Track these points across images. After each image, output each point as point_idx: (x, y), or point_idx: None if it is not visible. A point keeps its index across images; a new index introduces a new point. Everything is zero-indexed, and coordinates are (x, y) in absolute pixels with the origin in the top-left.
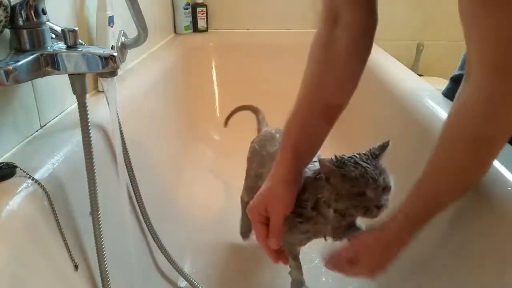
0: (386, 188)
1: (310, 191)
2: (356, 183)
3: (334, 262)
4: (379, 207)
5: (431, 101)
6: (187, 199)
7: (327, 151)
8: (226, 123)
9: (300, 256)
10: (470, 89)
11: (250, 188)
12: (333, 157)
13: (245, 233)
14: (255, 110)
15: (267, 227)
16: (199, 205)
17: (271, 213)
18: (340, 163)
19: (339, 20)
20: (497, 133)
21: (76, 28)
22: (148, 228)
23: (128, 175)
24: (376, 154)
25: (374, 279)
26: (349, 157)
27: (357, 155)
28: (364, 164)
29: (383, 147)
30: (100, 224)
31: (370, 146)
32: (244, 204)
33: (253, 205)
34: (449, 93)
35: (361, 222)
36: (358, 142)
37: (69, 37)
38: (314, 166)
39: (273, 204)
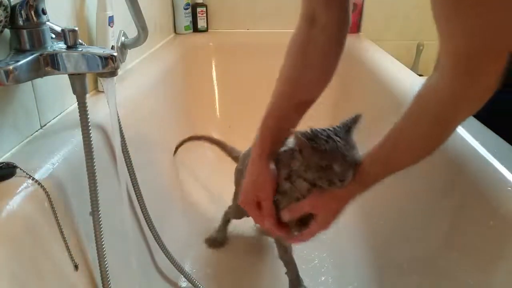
0: (353, 164)
1: (284, 165)
2: (325, 157)
3: (294, 212)
4: (343, 181)
5: None
6: (187, 199)
7: None
8: (175, 151)
9: (294, 255)
10: (438, 77)
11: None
12: (308, 130)
13: (216, 241)
14: (222, 145)
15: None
16: (199, 205)
17: (262, 198)
18: (313, 135)
19: (316, 21)
20: (455, 116)
21: (76, 28)
22: (149, 227)
23: (129, 175)
24: (348, 127)
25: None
26: (322, 130)
27: (331, 129)
28: (336, 138)
29: (355, 120)
30: (100, 224)
31: (368, 146)
32: (227, 219)
33: (245, 198)
34: None
35: None
36: (358, 142)
37: (69, 37)
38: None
39: (262, 190)
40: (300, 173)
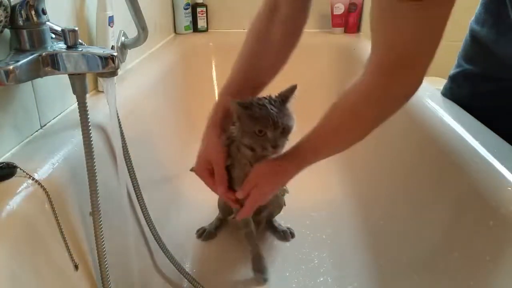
0: (284, 130)
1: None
2: (258, 123)
3: (245, 189)
4: (275, 147)
5: (431, 101)
6: (187, 199)
7: None
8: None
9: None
10: (363, 75)
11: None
12: (246, 99)
13: (204, 232)
14: None
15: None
16: (199, 205)
17: (214, 164)
18: (248, 104)
19: (277, 10)
20: (369, 114)
21: (76, 28)
22: (149, 227)
23: (129, 174)
24: (285, 97)
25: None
26: (258, 98)
27: (267, 98)
28: (269, 107)
29: (291, 90)
30: (100, 224)
31: (369, 145)
32: (218, 218)
33: (198, 166)
34: (448, 93)
35: None
36: None
37: (69, 37)
38: None
39: (213, 155)
40: (240, 139)
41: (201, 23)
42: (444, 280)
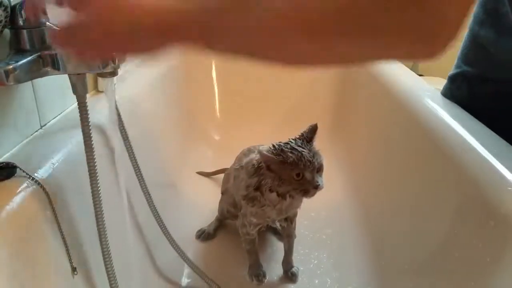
0: (320, 168)
1: (253, 177)
2: (295, 167)
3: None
4: (317, 187)
5: (431, 101)
6: (187, 199)
7: (327, 148)
8: (207, 175)
9: (293, 256)
10: None
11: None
12: (271, 146)
13: (203, 233)
14: None
15: None
16: (199, 205)
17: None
18: (278, 150)
19: None
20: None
21: None
22: (158, 224)
23: (135, 173)
24: (309, 138)
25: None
26: (285, 143)
27: (293, 141)
28: (300, 149)
29: (314, 130)
30: (104, 225)
31: (369, 146)
32: (218, 219)
33: None
34: (448, 93)
35: None
36: (357, 142)
37: None
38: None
39: None
40: (274, 188)
41: None
42: (444, 281)
